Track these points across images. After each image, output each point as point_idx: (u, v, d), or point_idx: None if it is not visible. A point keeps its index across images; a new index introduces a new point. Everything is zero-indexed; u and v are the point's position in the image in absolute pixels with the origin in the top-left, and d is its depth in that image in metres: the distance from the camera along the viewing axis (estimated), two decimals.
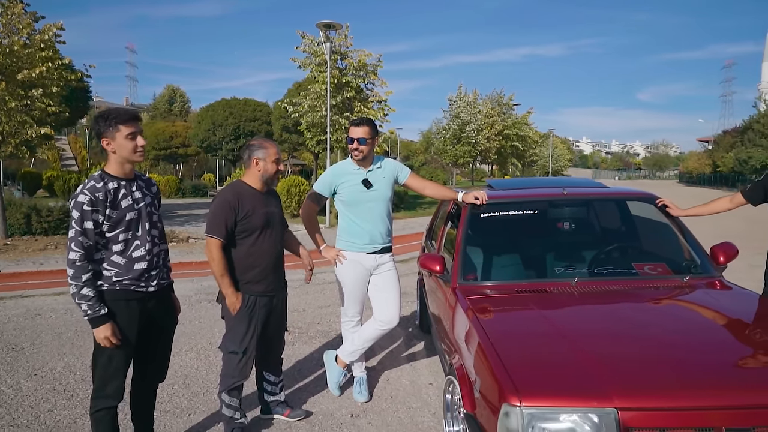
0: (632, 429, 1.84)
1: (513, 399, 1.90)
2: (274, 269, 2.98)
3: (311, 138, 19.60)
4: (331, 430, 3.14)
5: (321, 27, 16.21)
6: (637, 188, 4.09)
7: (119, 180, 2.44)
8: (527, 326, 2.51)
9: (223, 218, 2.80)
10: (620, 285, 2.92)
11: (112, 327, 2.37)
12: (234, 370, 2.91)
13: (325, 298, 6.49)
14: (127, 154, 2.41)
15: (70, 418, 3.30)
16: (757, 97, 50.39)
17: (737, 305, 2.67)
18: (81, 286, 2.31)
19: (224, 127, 33.65)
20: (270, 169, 2.92)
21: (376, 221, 3.40)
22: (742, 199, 3.23)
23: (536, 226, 3.67)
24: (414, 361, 4.29)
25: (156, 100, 66.66)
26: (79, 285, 2.31)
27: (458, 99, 31.07)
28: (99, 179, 2.39)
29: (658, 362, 2.09)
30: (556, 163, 55.04)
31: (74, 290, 2.33)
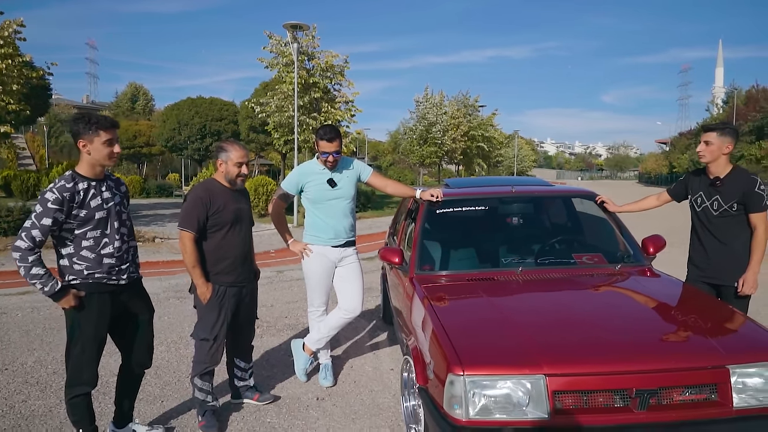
0: (558, 392, 2.14)
1: (457, 369, 2.17)
2: (243, 261, 3.18)
3: (278, 138, 19.68)
4: (298, 411, 3.36)
5: (288, 28, 16.31)
6: (581, 186, 4.45)
7: (89, 180, 2.57)
8: (473, 309, 2.80)
9: (196, 213, 3.00)
10: (560, 273, 3.24)
11: (72, 293, 2.49)
12: (205, 356, 3.10)
13: (293, 294, 6.68)
14: (101, 158, 2.56)
15: (45, 407, 3.42)
16: (710, 101, 52.74)
17: (660, 289, 3.02)
18: (29, 266, 2.43)
19: (190, 127, 33.26)
20: (232, 171, 3.11)
21: (340, 217, 3.64)
22: (667, 196, 3.59)
23: (487, 221, 3.98)
24: (377, 349, 4.55)
25: (118, 98, 65.11)
26: (27, 266, 2.43)
27: (425, 100, 31.50)
28: (70, 179, 2.52)
29: (582, 336, 2.40)
30: (521, 163, 56.23)
31: (24, 272, 2.45)
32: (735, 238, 3.18)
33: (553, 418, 2.11)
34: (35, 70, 13.47)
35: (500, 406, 2.15)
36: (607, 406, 2.15)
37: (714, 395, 2.19)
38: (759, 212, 3.12)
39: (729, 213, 3.16)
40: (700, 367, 2.20)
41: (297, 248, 3.73)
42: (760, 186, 3.12)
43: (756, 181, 3.13)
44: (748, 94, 38.77)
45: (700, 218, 3.30)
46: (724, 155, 3.18)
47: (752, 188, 3.10)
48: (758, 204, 3.10)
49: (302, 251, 3.70)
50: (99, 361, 2.68)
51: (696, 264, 3.35)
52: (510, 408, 2.15)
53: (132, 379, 2.94)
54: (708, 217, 3.24)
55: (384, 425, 3.16)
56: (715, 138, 3.15)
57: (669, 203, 3.65)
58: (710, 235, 3.24)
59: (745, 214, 3.14)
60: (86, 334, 2.57)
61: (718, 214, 3.20)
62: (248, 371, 3.44)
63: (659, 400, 2.16)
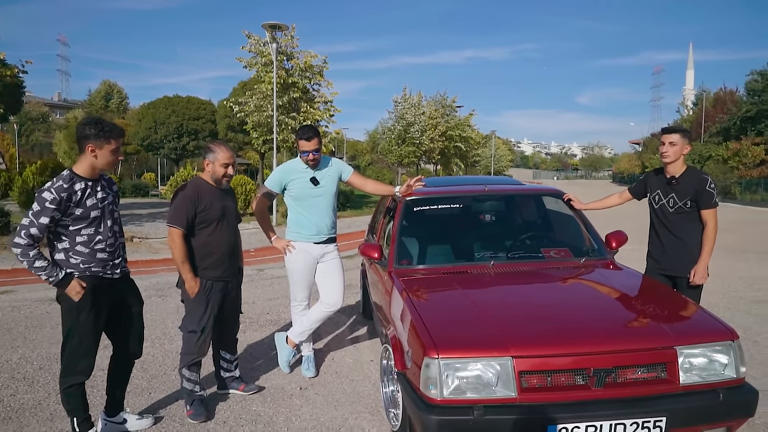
0: (524, 372, 2.35)
1: (432, 353, 2.36)
2: (230, 257, 3.33)
3: (257, 138, 19.70)
4: (283, 400, 3.52)
5: (267, 28, 16.39)
6: (549, 186, 4.69)
7: (86, 181, 2.70)
8: (448, 299, 3.00)
9: (184, 210, 3.14)
10: (529, 266, 3.47)
11: (77, 281, 2.63)
12: (193, 347, 3.24)
13: (274, 291, 6.82)
14: (106, 164, 2.71)
15: (34, 401, 3.52)
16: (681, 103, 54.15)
17: (619, 280, 3.27)
18: (32, 260, 2.55)
19: (166, 126, 32.95)
20: (218, 172, 3.25)
21: (322, 214, 3.81)
22: (629, 194, 3.85)
23: (462, 218, 4.19)
24: (357, 342, 4.72)
25: (91, 96, 63.81)
26: (29, 260, 2.56)
27: (403, 100, 31.78)
28: (68, 179, 2.64)
29: (546, 322, 2.63)
30: (498, 163, 56.97)
31: (27, 265, 2.57)
32: (688, 233, 3.44)
33: (520, 395, 2.32)
34: (8, 68, 13.30)
35: (472, 386, 2.35)
36: (568, 384, 2.37)
37: (663, 373, 2.42)
38: (709, 209, 3.38)
39: (683, 210, 3.42)
40: (651, 348, 2.43)
41: (280, 245, 3.88)
42: (711, 185, 3.39)
43: (707, 180, 3.40)
44: (716, 96, 39.95)
45: (658, 215, 3.56)
46: (683, 156, 3.44)
47: (704, 187, 3.36)
48: (709, 201, 3.37)
49: (285, 248, 3.85)
50: (95, 353, 2.81)
51: (654, 257, 3.61)
52: (480, 388, 2.35)
53: (123, 369, 3.07)
54: (665, 213, 3.50)
55: (364, 411, 3.34)
56: (678, 139, 3.40)
57: (630, 201, 3.91)
58: (666, 230, 3.50)
59: (697, 210, 3.41)
60: (84, 325, 2.70)
61: (673, 211, 3.45)
62: (234, 363, 3.58)
63: (615, 378, 2.38)
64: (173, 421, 3.22)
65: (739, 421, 2.51)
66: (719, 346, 2.49)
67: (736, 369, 2.48)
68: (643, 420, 2.30)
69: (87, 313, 2.69)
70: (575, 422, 2.27)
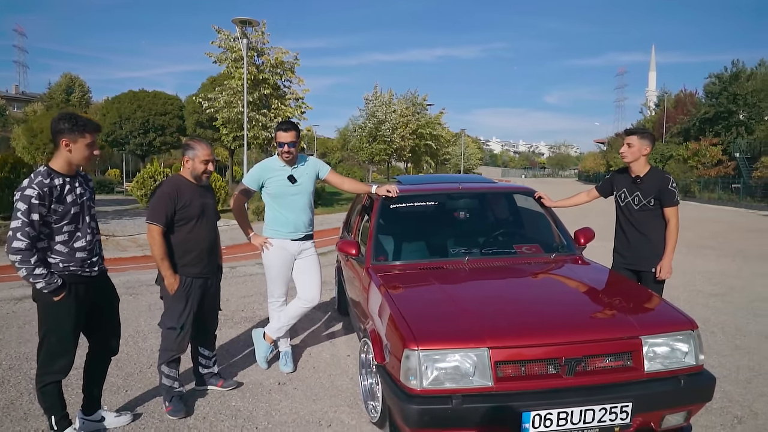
0: (500, 362, 2.45)
1: (412, 345, 2.45)
2: (209, 254, 3.34)
3: (227, 134, 19.47)
4: (262, 395, 3.55)
5: (237, 23, 16.20)
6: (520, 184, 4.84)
7: (64, 176, 2.67)
8: (425, 293, 3.09)
9: (164, 208, 3.14)
10: (502, 261, 3.58)
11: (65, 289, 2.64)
12: (172, 344, 3.25)
13: (247, 289, 6.80)
14: (81, 159, 2.68)
15: (6, 401, 3.46)
16: (643, 104, 55.70)
17: (587, 275, 3.41)
18: (32, 268, 2.54)
19: (132, 121, 32.17)
20: (198, 168, 3.28)
21: (300, 212, 3.85)
22: (596, 193, 4.01)
23: (437, 215, 4.29)
24: (333, 338, 4.78)
25: (51, 89, 61.61)
26: (29, 268, 2.53)
27: (374, 98, 31.83)
28: (46, 175, 2.61)
29: (520, 315, 2.75)
30: (467, 161, 57.56)
31: (25, 273, 2.54)
32: (653, 230, 3.61)
33: (496, 385, 2.42)
34: None
35: (450, 376, 2.45)
36: (541, 373, 2.48)
37: (629, 362, 2.56)
38: (672, 206, 3.57)
39: (648, 207, 3.59)
40: (618, 338, 2.57)
41: (257, 242, 3.90)
42: (673, 184, 3.57)
43: (669, 180, 3.58)
44: (677, 98, 41.23)
45: (624, 212, 3.72)
46: (644, 156, 3.60)
47: (666, 186, 3.54)
48: (671, 199, 3.55)
49: (262, 244, 3.88)
50: (75, 350, 2.79)
51: (620, 252, 3.78)
52: (458, 378, 2.44)
53: (100, 367, 3.06)
54: (630, 210, 3.66)
55: (343, 404, 3.41)
56: (636, 141, 3.57)
57: (598, 199, 4.08)
58: (632, 227, 3.67)
59: (660, 208, 3.59)
60: (64, 324, 2.68)
61: (638, 209, 3.62)
62: (212, 359, 3.60)
63: (584, 366, 2.51)
64: (152, 418, 3.22)
65: (698, 406, 2.68)
66: (680, 335, 2.64)
67: (696, 357, 2.64)
68: (611, 405, 2.43)
69: (66, 311, 2.67)
70: (548, 409, 2.39)
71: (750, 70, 32.69)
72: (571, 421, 2.42)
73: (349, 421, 3.19)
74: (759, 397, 3.49)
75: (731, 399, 3.45)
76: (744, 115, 31.80)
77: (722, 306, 5.85)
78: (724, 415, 3.23)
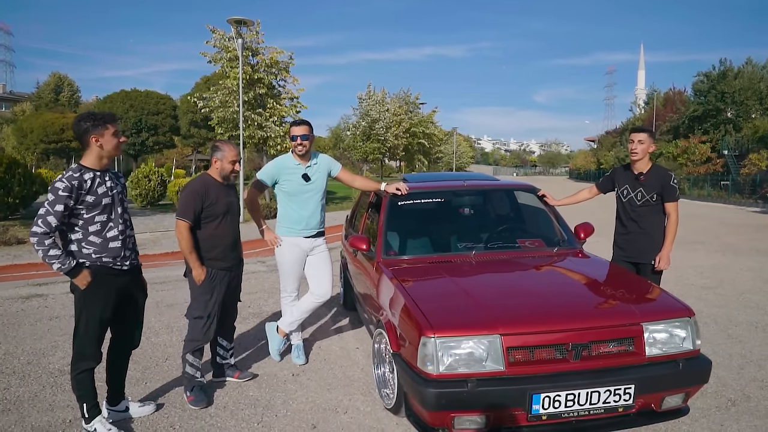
0: (511, 348, 2.61)
1: (429, 332, 2.60)
2: (233, 248, 3.51)
3: (223, 133, 19.47)
4: (277, 386, 3.70)
5: (232, 23, 16.27)
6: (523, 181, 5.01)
7: (94, 171, 2.83)
8: (437, 285, 3.25)
9: (192, 205, 3.31)
10: (507, 255, 3.75)
11: (88, 271, 2.76)
12: (198, 333, 3.41)
13: (252, 286, 6.92)
14: (112, 149, 2.83)
15: (30, 393, 3.57)
16: (633, 102, 56.28)
17: (589, 267, 3.59)
18: (47, 249, 2.68)
19: (124, 120, 32.14)
20: (227, 168, 3.46)
21: (313, 209, 3.99)
22: (596, 190, 4.19)
23: (443, 212, 4.45)
24: (341, 332, 4.92)
25: (40, 89, 61.17)
26: (44, 249, 2.68)
27: (368, 97, 31.99)
28: (77, 170, 2.77)
29: (529, 304, 2.91)
30: (459, 159, 57.88)
31: (41, 254, 2.69)
32: (652, 224, 3.80)
33: (508, 369, 2.58)
34: None
35: (464, 361, 2.60)
36: (550, 358, 2.65)
37: (631, 347, 2.73)
38: (672, 201, 3.75)
39: (650, 203, 3.78)
40: (621, 325, 2.74)
41: (269, 238, 4.04)
42: (674, 180, 3.76)
43: (671, 176, 3.77)
44: (666, 96, 41.74)
45: (625, 207, 3.90)
46: (649, 154, 3.79)
47: (668, 182, 3.73)
48: (672, 195, 3.74)
49: (272, 241, 4.01)
50: (102, 341, 2.92)
51: (619, 245, 3.96)
52: (472, 363, 2.60)
53: (122, 359, 3.19)
54: (632, 206, 3.84)
55: (357, 393, 3.56)
56: (646, 138, 3.75)
57: (598, 196, 4.26)
58: (632, 221, 3.85)
59: (661, 204, 3.77)
60: (91, 314, 2.81)
61: (640, 204, 3.80)
62: (230, 351, 3.73)
63: (590, 351, 2.68)
64: (175, 408, 3.35)
65: (695, 387, 2.86)
66: (678, 322, 2.82)
67: (693, 342, 2.81)
68: (614, 388, 2.60)
69: (96, 301, 2.81)
70: (556, 391, 2.55)
71: (737, 68, 33.16)
72: (577, 402, 2.58)
73: (364, 408, 3.34)
74: (750, 381, 3.68)
75: (725, 384, 3.63)
76: (732, 113, 32.28)
77: (714, 298, 6.05)
78: (719, 398, 3.42)
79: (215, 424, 3.16)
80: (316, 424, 3.13)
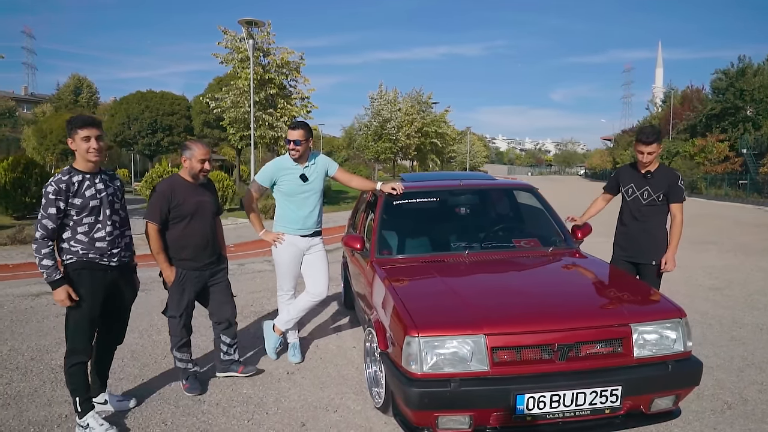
0: (496, 348, 2.60)
1: (413, 332, 2.60)
2: (204, 248, 3.53)
3: (234, 133, 19.67)
4: (271, 384, 3.72)
5: (243, 24, 16.39)
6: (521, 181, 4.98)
7: (84, 174, 2.91)
8: (426, 285, 3.25)
9: (158, 207, 3.37)
10: (501, 255, 3.73)
11: (67, 289, 2.84)
12: (176, 329, 3.51)
13: (255, 285, 6.98)
14: (82, 152, 2.88)
15: (30, 388, 3.65)
16: (650, 100, 55.49)
17: (582, 267, 3.55)
18: (41, 258, 2.81)
19: (140, 121, 32.52)
20: (195, 167, 3.47)
21: (310, 209, 4.01)
22: (607, 194, 4.07)
23: (438, 211, 4.44)
24: (340, 331, 4.94)
25: (60, 90, 62.23)
26: (39, 257, 2.81)
27: (379, 96, 31.97)
28: (66, 173, 2.87)
29: (515, 304, 2.90)
30: (473, 159, 57.61)
31: (37, 260, 2.82)
32: (656, 224, 3.75)
33: (492, 369, 2.57)
34: None
35: (449, 361, 2.60)
36: (535, 358, 2.63)
37: (619, 348, 2.70)
38: (678, 202, 3.71)
39: (655, 203, 3.73)
40: (608, 326, 2.71)
41: (269, 238, 4.06)
42: (681, 181, 3.72)
43: (678, 177, 3.72)
44: (683, 94, 41.07)
45: (630, 206, 3.84)
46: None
47: (675, 182, 3.69)
48: (678, 195, 3.69)
49: (274, 241, 4.04)
50: (92, 336, 2.99)
51: (620, 245, 3.92)
52: (457, 362, 2.59)
53: (107, 354, 3.27)
54: (637, 205, 3.79)
55: (349, 391, 3.57)
56: (656, 148, 3.68)
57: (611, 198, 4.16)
58: (636, 221, 3.80)
59: (666, 204, 3.72)
60: (79, 308, 2.88)
61: (646, 203, 3.75)
62: (233, 347, 3.77)
63: (576, 352, 2.65)
64: (168, 404, 3.40)
65: (686, 390, 2.81)
66: (669, 323, 2.78)
67: (684, 343, 2.77)
68: (601, 389, 2.58)
69: (81, 295, 2.88)
70: (541, 392, 2.54)
71: (757, 65, 32.52)
72: (563, 403, 2.56)
73: (354, 407, 3.35)
74: (750, 384, 3.61)
75: (723, 386, 3.58)
76: (751, 111, 31.67)
77: (721, 299, 5.96)
78: (715, 401, 3.36)
79: (206, 420, 3.19)
80: (306, 422, 3.15)
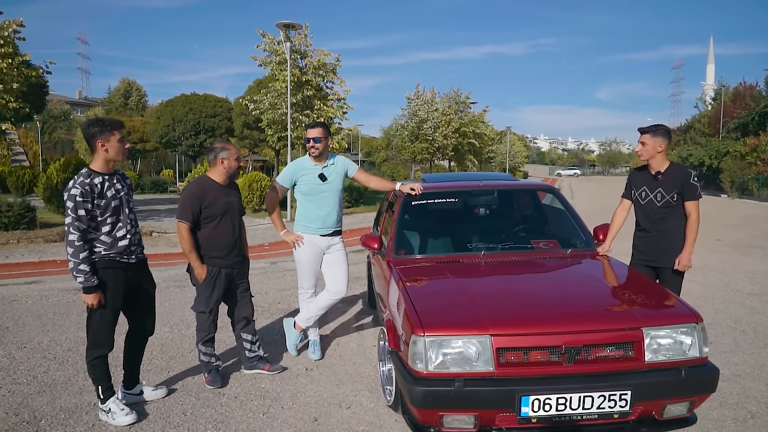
0: (502, 349, 2.60)
1: (419, 331, 2.63)
2: (233, 247, 3.67)
3: (272, 135, 20.04)
4: (289, 379, 3.82)
5: (281, 27, 16.71)
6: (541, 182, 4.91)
7: (103, 175, 3.05)
8: (437, 285, 3.27)
9: (191, 207, 3.51)
10: (517, 256, 3.71)
11: (99, 295, 3.00)
12: (204, 325, 3.64)
13: (285, 283, 7.13)
14: (117, 154, 3.04)
15: (65, 377, 3.87)
16: (699, 98, 53.26)
17: (600, 269, 3.50)
18: (78, 262, 2.92)
19: (184, 123, 33.48)
20: (233, 166, 3.64)
21: (329, 208, 4.09)
22: (626, 202, 3.91)
23: (456, 211, 4.45)
24: (362, 330, 5.01)
25: (111, 94, 64.94)
26: (76, 261, 2.92)
27: (416, 97, 31.94)
28: (86, 175, 2.99)
29: (524, 305, 2.89)
30: (513, 159, 56.72)
31: (72, 265, 2.92)
32: (673, 226, 3.64)
33: (497, 370, 2.58)
34: (34, 69, 13.78)
35: (454, 361, 2.62)
36: (542, 360, 2.62)
37: (630, 352, 2.65)
38: (693, 200, 3.59)
39: (670, 204, 3.63)
40: (618, 329, 2.67)
41: (290, 238, 4.17)
42: (694, 178, 3.60)
43: (691, 174, 3.61)
44: (735, 91, 39.32)
45: (645, 210, 3.75)
46: (659, 153, 3.64)
47: (688, 180, 3.58)
48: (693, 193, 3.58)
49: (294, 241, 4.14)
50: (114, 328, 3.14)
51: (639, 249, 3.82)
52: (462, 362, 2.61)
53: (138, 345, 3.42)
54: (652, 208, 3.70)
55: (364, 389, 3.63)
56: (648, 139, 3.61)
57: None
58: (652, 224, 3.70)
59: (682, 204, 3.61)
60: (104, 305, 3.03)
61: (661, 205, 3.65)
62: (256, 343, 3.89)
63: (585, 355, 2.63)
64: (189, 395, 3.54)
65: (701, 397, 2.74)
66: (684, 327, 2.71)
67: (700, 349, 2.70)
68: (609, 393, 2.54)
69: (106, 293, 3.03)
70: (546, 394, 2.52)
71: None
72: (570, 406, 2.54)
73: (367, 404, 3.40)
74: None
75: (749, 395, 3.45)
76: None
77: (759, 305, 5.71)
78: (738, 409, 3.25)
79: (224, 412, 3.31)
80: (318, 417, 3.23)
